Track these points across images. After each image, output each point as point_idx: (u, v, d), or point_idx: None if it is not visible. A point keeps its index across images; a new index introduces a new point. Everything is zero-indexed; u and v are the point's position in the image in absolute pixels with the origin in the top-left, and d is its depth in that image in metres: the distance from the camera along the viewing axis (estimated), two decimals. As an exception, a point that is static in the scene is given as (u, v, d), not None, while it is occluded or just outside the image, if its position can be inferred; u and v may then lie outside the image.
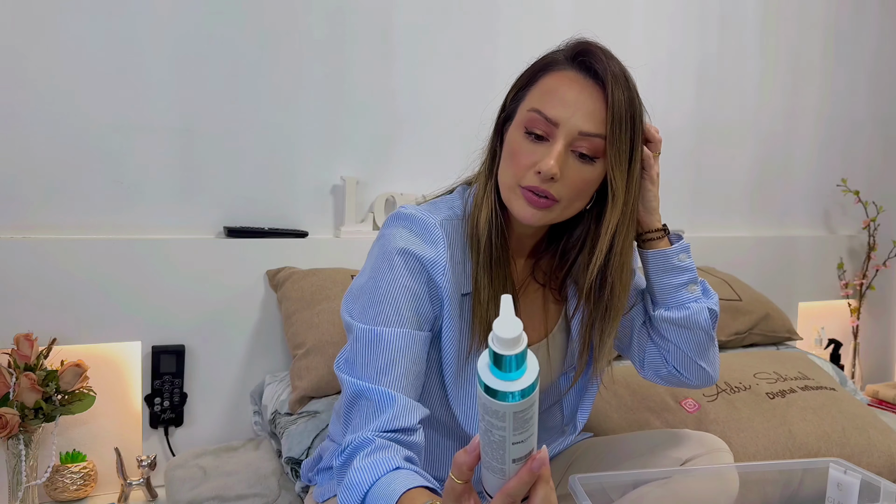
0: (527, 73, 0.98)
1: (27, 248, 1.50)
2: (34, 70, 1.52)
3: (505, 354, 0.57)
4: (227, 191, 1.72)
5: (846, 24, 2.62)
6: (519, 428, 0.61)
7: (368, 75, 1.86)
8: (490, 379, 0.59)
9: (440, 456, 1.06)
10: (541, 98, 0.92)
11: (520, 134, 0.93)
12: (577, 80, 0.92)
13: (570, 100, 0.91)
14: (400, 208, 0.99)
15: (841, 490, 1.07)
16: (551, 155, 0.89)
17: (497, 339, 0.57)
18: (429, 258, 0.93)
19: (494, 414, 0.60)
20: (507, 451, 0.62)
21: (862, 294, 2.65)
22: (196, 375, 1.66)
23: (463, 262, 0.97)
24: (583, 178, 0.92)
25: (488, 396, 0.59)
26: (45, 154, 1.54)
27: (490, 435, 0.62)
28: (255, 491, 1.35)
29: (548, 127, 0.90)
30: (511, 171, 0.93)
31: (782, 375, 1.58)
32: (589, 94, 0.91)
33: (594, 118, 0.90)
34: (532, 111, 0.92)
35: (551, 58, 0.96)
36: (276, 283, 1.68)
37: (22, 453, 1.40)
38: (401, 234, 0.95)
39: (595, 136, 0.90)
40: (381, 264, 0.95)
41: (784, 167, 2.55)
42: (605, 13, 2.18)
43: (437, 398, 1.01)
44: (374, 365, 0.90)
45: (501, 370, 0.58)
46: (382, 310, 0.92)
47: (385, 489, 0.77)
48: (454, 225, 0.97)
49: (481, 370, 0.60)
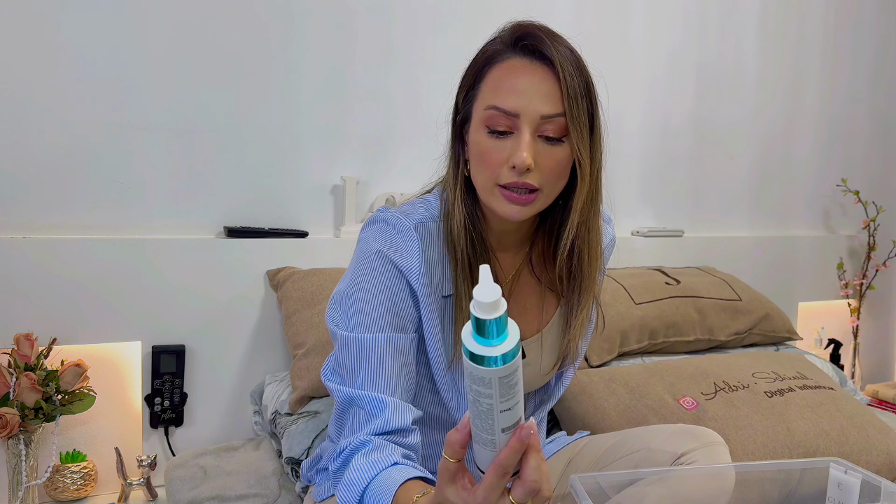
0: (471, 71, 0.96)
1: (27, 248, 1.50)
2: (34, 70, 1.53)
3: (485, 319, 0.60)
4: (227, 191, 1.72)
5: (846, 24, 2.62)
6: (505, 394, 0.63)
7: (368, 75, 1.86)
8: (473, 346, 0.61)
9: (438, 452, 1.06)
10: (494, 93, 0.91)
11: (482, 134, 0.92)
12: (524, 66, 0.91)
13: (524, 87, 0.89)
14: (377, 212, 0.99)
15: (841, 490, 1.07)
16: (521, 146, 0.88)
17: (477, 304, 0.60)
18: (403, 264, 0.93)
19: (481, 381, 0.62)
20: (495, 419, 0.64)
21: (862, 294, 2.65)
22: (196, 375, 1.66)
23: (442, 263, 0.97)
24: (556, 160, 0.91)
25: (473, 364, 0.61)
26: (45, 154, 1.55)
27: (478, 405, 0.64)
28: (255, 491, 1.35)
29: (509, 120, 0.89)
30: (485, 172, 0.92)
31: (781, 375, 1.58)
32: (540, 77, 0.90)
33: (551, 99, 0.89)
34: (489, 109, 0.90)
35: (492, 49, 0.95)
36: (277, 283, 1.68)
37: (22, 453, 1.40)
38: (376, 238, 0.95)
39: (557, 115, 0.89)
40: (359, 269, 0.95)
41: (784, 167, 2.55)
42: (605, 13, 2.18)
43: (431, 397, 1.01)
44: (362, 371, 0.90)
45: (484, 336, 0.61)
46: (364, 316, 0.92)
47: (382, 484, 0.77)
48: (430, 227, 0.97)
49: (465, 338, 0.62)
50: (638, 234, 2.24)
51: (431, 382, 1.00)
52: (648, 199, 2.31)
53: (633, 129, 2.26)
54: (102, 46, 1.58)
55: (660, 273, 2.01)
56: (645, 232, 2.23)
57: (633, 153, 2.27)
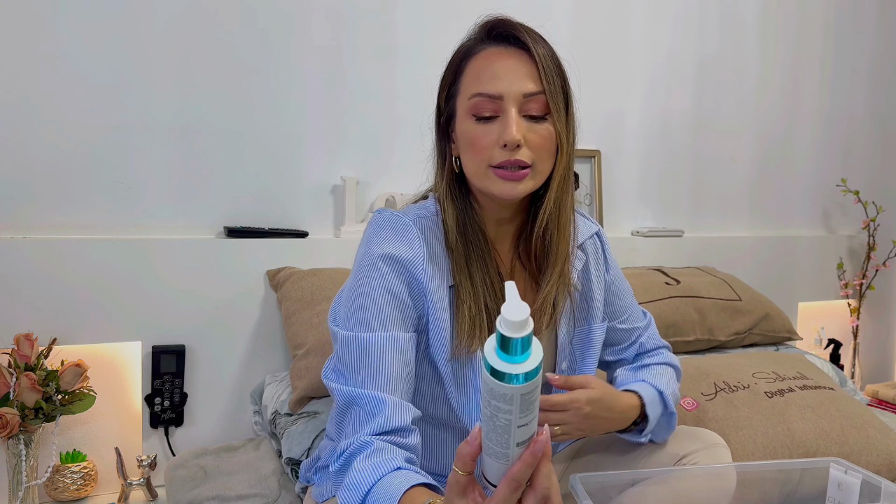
0: (450, 70, 1.00)
1: (27, 248, 1.50)
2: (34, 70, 1.53)
3: (512, 337, 0.59)
4: (227, 191, 1.72)
5: (846, 24, 2.62)
6: (525, 410, 0.62)
7: (368, 75, 1.86)
8: (497, 362, 0.61)
9: (439, 449, 1.06)
10: (476, 82, 0.95)
11: (469, 123, 0.95)
12: (500, 52, 0.96)
13: (503, 71, 0.94)
14: (375, 212, 1.01)
15: (841, 490, 1.07)
16: (508, 124, 0.92)
17: (505, 322, 0.59)
18: (406, 256, 0.95)
19: (502, 398, 0.61)
20: (511, 434, 0.63)
21: (862, 294, 2.65)
22: (196, 375, 1.66)
23: (444, 255, 0.99)
24: (542, 136, 0.94)
25: (495, 380, 0.61)
26: (45, 154, 1.55)
27: (495, 420, 0.63)
28: (255, 491, 1.35)
29: (493, 104, 0.93)
30: (476, 157, 0.95)
31: (781, 375, 1.58)
32: (517, 59, 0.95)
33: (531, 78, 0.94)
34: (473, 97, 0.94)
35: (466, 46, 0.99)
36: (277, 283, 1.68)
37: (22, 453, 1.40)
38: (378, 235, 0.97)
39: (538, 93, 0.94)
40: (361, 269, 0.96)
41: (784, 167, 2.55)
42: (605, 13, 2.18)
43: (432, 392, 1.01)
44: (362, 371, 0.91)
45: (508, 353, 0.60)
46: (365, 315, 0.93)
47: (386, 489, 0.77)
48: (429, 222, 0.99)
49: (488, 354, 0.62)
50: (638, 234, 2.24)
51: (434, 377, 1.00)
52: (648, 199, 2.31)
53: (633, 128, 2.26)
54: (103, 47, 1.58)
55: (660, 273, 2.01)
56: (645, 232, 2.23)
57: (633, 153, 2.27)
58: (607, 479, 1.02)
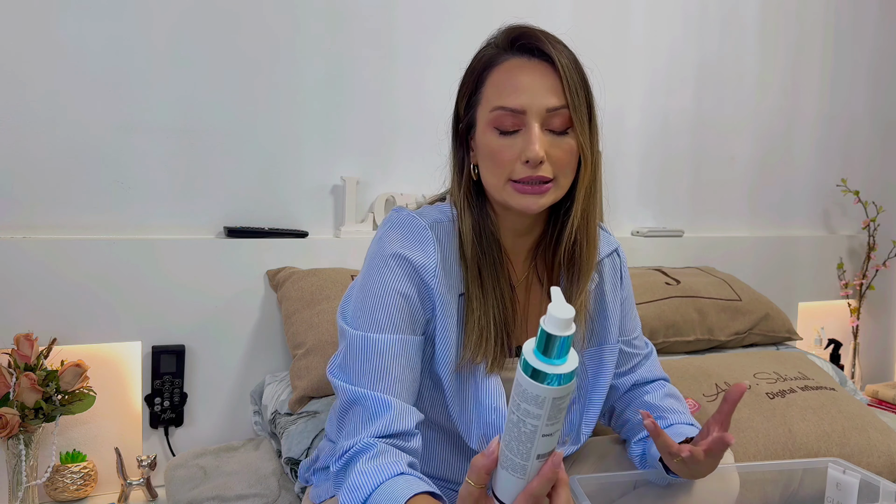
0: (471, 79, 0.98)
1: (27, 248, 1.50)
2: (34, 70, 1.52)
3: (557, 335, 0.61)
4: (227, 191, 1.72)
5: (846, 24, 2.62)
6: (552, 418, 0.63)
7: (368, 75, 1.86)
8: (535, 362, 0.62)
9: (437, 454, 1.06)
10: (498, 94, 0.93)
11: (492, 135, 0.93)
12: (523, 64, 0.94)
13: (527, 84, 0.92)
14: (392, 211, 0.99)
15: (840, 490, 1.08)
16: (532, 140, 0.90)
17: (551, 319, 0.61)
18: (419, 262, 0.93)
19: (534, 400, 0.62)
20: (535, 443, 0.64)
21: (862, 294, 2.65)
22: (196, 375, 1.66)
23: (457, 263, 0.97)
24: (564, 151, 0.93)
25: (531, 380, 0.62)
26: (45, 154, 1.55)
27: (522, 426, 0.64)
28: (255, 491, 1.35)
29: (516, 118, 0.92)
30: (497, 170, 0.93)
31: (782, 375, 1.58)
32: (540, 72, 0.92)
33: (554, 92, 0.92)
34: (495, 110, 0.92)
35: (488, 55, 0.97)
36: (277, 283, 1.68)
37: (22, 453, 1.40)
38: (392, 236, 0.96)
39: (561, 108, 0.91)
40: (373, 268, 0.95)
41: (784, 167, 2.55)
42: (605, 13, 2.18)
43: (431, 398, 1.01)
44: (368, 371, 0.90)
45: (547, 354, 0.62)
46: (374, 315, 0.92)
47: (389, 493, 0.76)
48: (445, 227, 0.98)
49: (526, 354, 0.63)
50: (638, 235, 2.24)
51: (435, 384, 1.00)
52: (648, 199, 2.31)
53: (633, 128, 2.26)
54: (103, 46, 1.58)
55: (659, 273, 2.01)
56: (645, 232, 2.23)
57: (633, 153, 2.27)
58: (608, 481, 1.02)
